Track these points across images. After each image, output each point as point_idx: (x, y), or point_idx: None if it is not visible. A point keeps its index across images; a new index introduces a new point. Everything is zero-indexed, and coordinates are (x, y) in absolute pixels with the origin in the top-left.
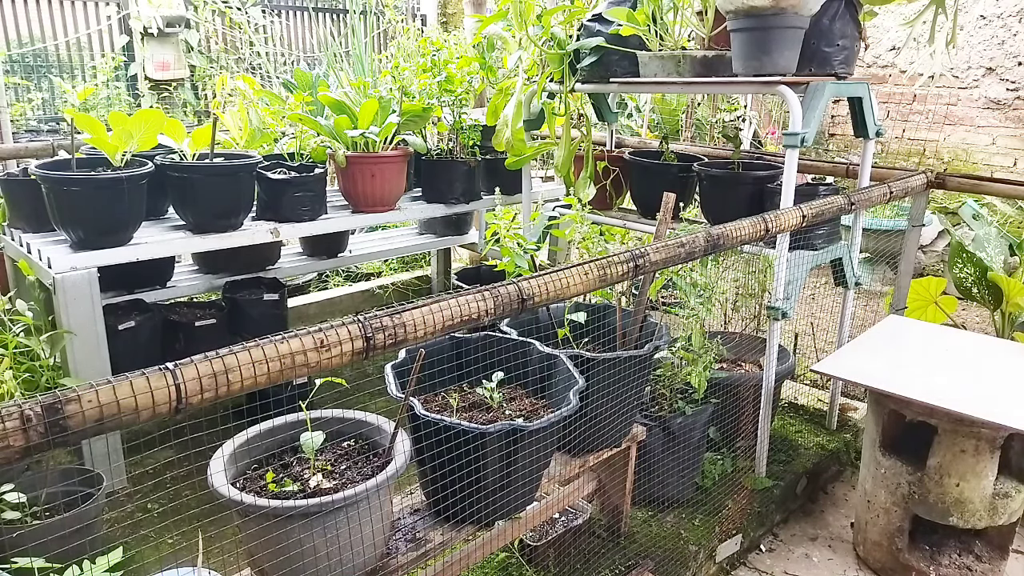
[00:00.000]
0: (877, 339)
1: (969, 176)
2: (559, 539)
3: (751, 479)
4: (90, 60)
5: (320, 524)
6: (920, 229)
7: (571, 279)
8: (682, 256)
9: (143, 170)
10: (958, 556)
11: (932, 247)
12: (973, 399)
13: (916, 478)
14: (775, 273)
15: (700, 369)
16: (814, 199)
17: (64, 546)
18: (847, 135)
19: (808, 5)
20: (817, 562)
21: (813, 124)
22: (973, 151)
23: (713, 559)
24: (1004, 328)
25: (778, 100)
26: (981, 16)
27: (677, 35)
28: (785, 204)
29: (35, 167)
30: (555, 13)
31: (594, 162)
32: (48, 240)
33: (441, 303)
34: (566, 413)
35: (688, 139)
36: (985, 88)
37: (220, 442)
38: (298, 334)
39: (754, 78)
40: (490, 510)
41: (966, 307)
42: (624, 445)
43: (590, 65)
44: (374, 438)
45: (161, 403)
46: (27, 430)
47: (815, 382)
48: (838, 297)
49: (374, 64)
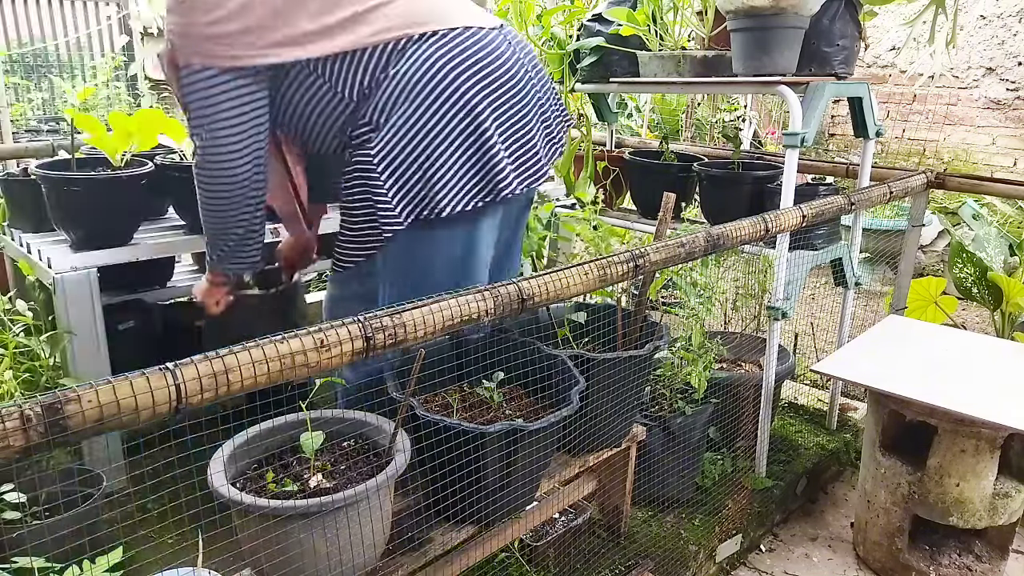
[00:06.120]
0: (877, 339)
1: (969, 176)
2: (559, 539)
3: (751, 479)
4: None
5: (320, 524)
6: (920, 229)
7: (571, 279)
8: (682, 256)
9: (143, 170)
10: (958, 556)
11: (932, 247)
12: (973, 399)
13: (916, 478)
14: (775, 273)
15: (700, 369)
16: (814, 199)
17: (64, 546)
18: (847, 135)
19: (808, 5)
20: (817, 562)
21: (813, 124)
22: (973, 151)
23: (713, 559)
24: (1004, 328)
25: (778, 100)
26: (981, 16)
27: (677, 35)
28: (785, 204)
29: (35, 167)
30: (555, 13)
31: (594, 162)
32: (48, 240)
33: (441, 303)
34: (566, 413)
35: (688, 139)
36: (985, 88)
37: (220, 442)
38: (298, 334)
39: (754, 78)
40: (490, 510)
41: (966, 307)
42: (624, 445)
43: (590, 65)
44: (374, 438)
45: (161, 403)
46: (27, 430)
47: (815, 382)
48: (838, 297)
49: None
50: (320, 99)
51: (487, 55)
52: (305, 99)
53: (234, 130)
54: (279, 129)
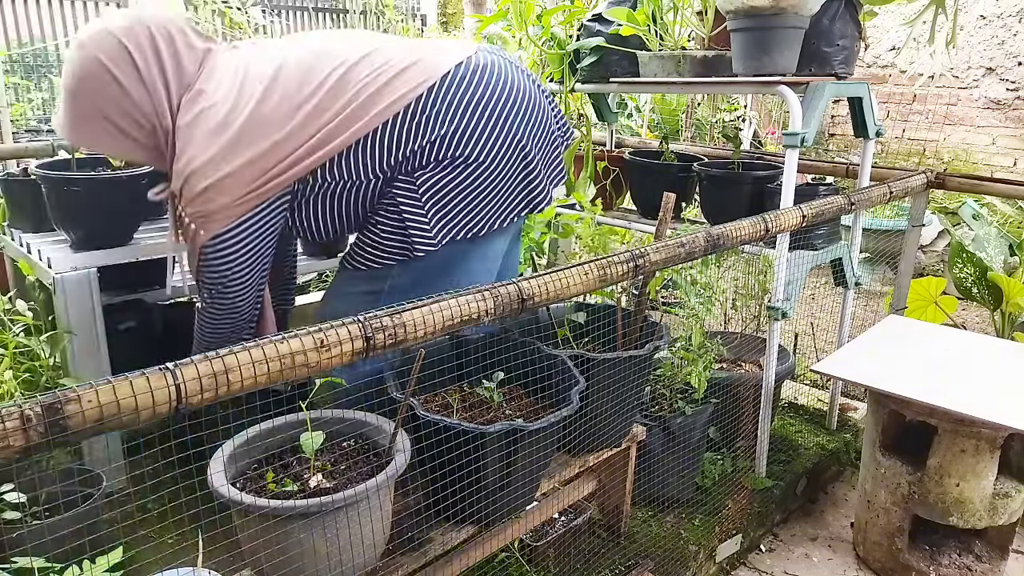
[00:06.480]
0: (877, 339)
1: (969, 176)
2: (559, 539)
3: (751, 479)
4: None
5: (320, 524)
6: (920, 229)
7: (571, 279)
8: (682, 256)
9: (143, 170)
10: (958, 556)
11: (932, 247)
12: (973, 399)
13: (916, 478)
14: (775, 273)
15: (700, 369)
16: (814, 199)
17: (64, 546)
18: (847, 135)
19: (808, 5)
20: (817, 562)
21: (813, 124)
22: (973, 151)
23: (713, 559)
24: (1004, 328)
25: (778, 100)
26: (981, 16)
27: (677, 35)
28: (785, 204)
29: (35, 167)
30: (555, 13)
31: (594, 162)
32: (48, 240)
33: (441, 303)
34: (566, 413)
35: (688, 139)
36: (985, 88)
37: (220, 442)
38: (298, 334)
39: (754, 78)
40: (490, 510)
41: (966, 307)
42: (624, 445)
43: (590, 65)
44: (374, 438)
45: (161, 403)
46: (27, 430)
47: (815, 382)
48: (838, 297)
49: None
50: (343, 192)
51: (492, 78)
52: (329, 198)
53: (247, 280)
54: (298, 232)
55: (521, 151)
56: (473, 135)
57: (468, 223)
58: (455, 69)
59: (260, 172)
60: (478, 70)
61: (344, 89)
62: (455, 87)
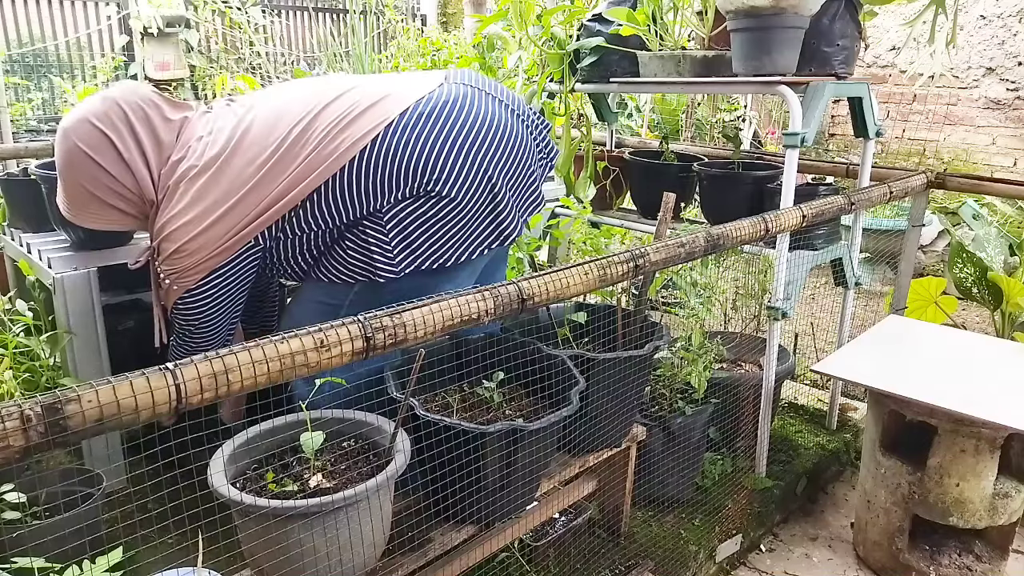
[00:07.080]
0: (877, 339)
1: (969, 176)
2: (559, 539)
3: (751, 479)
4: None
5: (320, 524)
6: (920, 229)
7: (571, 279)
8: (682, 256)
9: None
10: (958, 556)
11: (932, 247)
12: (973, 399)
13: (916, 478)
14: (775, 273)
15: (700, 369)
16: (814, 199)
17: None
18: (847, 135)
19: (808, 5)
20: (817, 562)
21: (813, 124)
22: (973, 151)
23: (713, 559)
24: (1004, 328)
25: (778, 100)
26: (981, 16)
27: (677, 35)
28: (785, 204)
29: (35, 167)
30: (555, 13)
31: (594, 162)
32: (48, 240)
33: (441, 303)
34: (566, 413)
35: (688, 139)
36: (985, 88)
37: (220, 442)
38: (298, 334)
39: (754, 78)
40: (490, 510)
41: (966, 307)
42: (624, 445)
43: (590, 65)
44: (374, 438)
45: (161, 403)
46: (27, 430)
47: (815, 382)
48: (838, 297)
49: (374, 64)
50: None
51: (456, 111)
52: (302, 244)
53: (218, 326)
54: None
55: (488, 184)
56: (435, 169)
57: (433, 255)
58: (415, 104)
59: (228, 228)
60: (440, 103)
61: (309, 137)
62: (415, 122)
